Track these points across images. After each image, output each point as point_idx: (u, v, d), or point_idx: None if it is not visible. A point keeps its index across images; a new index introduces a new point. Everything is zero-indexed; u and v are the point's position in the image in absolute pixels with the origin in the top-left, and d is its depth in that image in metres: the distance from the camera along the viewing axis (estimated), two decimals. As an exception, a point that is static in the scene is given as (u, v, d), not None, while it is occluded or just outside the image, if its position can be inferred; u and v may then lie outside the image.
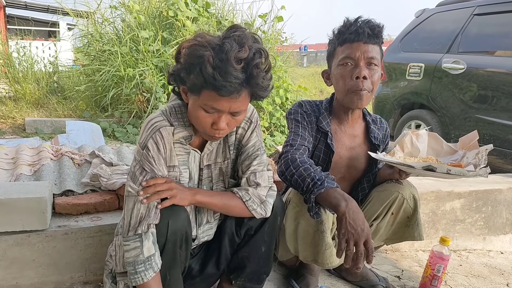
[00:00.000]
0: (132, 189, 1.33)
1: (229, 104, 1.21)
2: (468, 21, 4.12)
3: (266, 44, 6.35)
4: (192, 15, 5.61)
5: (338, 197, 1.43)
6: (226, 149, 1.50)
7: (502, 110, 3.60)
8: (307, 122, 1.76)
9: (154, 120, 1.34)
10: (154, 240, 1.32)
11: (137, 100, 5.36)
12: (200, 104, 1.23)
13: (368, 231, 1.40)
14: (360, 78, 1.62)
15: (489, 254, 2.58)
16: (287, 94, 5.84)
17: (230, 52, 1.13)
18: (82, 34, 6.85)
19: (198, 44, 1.18)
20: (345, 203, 1.41)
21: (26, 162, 2.28)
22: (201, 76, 1.16)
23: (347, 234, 1.39)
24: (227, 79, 1.14)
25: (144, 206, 1.31)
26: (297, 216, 1.64)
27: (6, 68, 7.09)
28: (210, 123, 1.26)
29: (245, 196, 1.45)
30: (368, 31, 1.61)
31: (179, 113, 1.39)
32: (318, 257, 1.62)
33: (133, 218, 1.32)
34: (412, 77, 4.51)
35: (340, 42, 1.66)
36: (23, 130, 5.13)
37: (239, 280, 1.65)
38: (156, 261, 1.32)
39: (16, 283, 1.72)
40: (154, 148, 1.31)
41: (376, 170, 1.87)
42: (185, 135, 1.38)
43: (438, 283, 1.92)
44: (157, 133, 1.31)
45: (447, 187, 2.48)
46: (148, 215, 1.31)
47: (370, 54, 1.62)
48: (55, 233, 1.72)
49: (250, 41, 1.19)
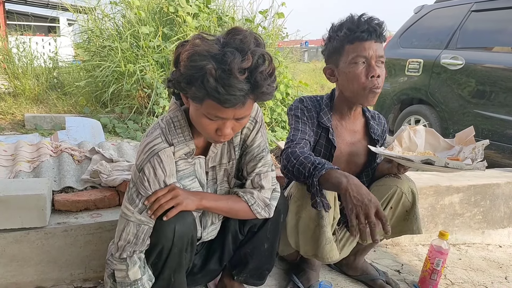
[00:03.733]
0: (127, 211, 1.32)
1: (233, 112, 1.18)
2: (466, 17, 4.14)
3: (267, 40, 6.34)
4: (193, 11, 5.60)
5: (338, 175, 1.42)
6: (231, 149, 1.48)
7: (500, 105, 3.62)
8: (307, 117, 1.76)
9: (152, 143, 1.29)
10: (141, 264, 1.33)
11: (138, 95, 5.35)
12: (203, 112, 1.19)
13: (376, 200, 1.37)
14: (375, 77, 1.63)
15: (488, 248, 2.59)
16: (288, 89, 5.84)
17: (232, 63, 1.08)
18: (82, 29, 6.83)
19: (198, 53, 1.11)
20: (346, 179, 1.40)
21: (25, 158, 2.28)
22: (203, 88, 1.11)
23: (355, 209, 1.36)
24: (231, 92, 1.09)
25: (133, 232, 1.30)
26: (298, 210, 1.64)
27: (5, 64, 7.07)
28: (214, 129, 1.23)
29: (250, 200, 1.44)
30: (378, 29, 1.62)
31: (179, 127, 1.34)
32: (318, 252, 1.63)
33: (121, 241, 1.33)
34: (411, 72, 4.52)
35: (350, 40, 1.64)
36: (22, 126, 5.13)
37: (241, 276, 1.66)
38: (143, 285, 1.33)
39: (15, 281, 1.71)
40: (150, 172, 1.27)
41: (375, 165, 1.87)
42: (187, 151, 1.36)
43: (437, 277, 1.93)
44: (155, 158, 1.27)
45: (446, 181, 2.48)
46: (135, 243, 1.31)
47: (380, 53, 1.64)
48: (55, 230, 1.72)
49: (252, 46, 1.13)
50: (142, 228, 1.31)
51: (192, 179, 1.42)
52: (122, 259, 1.33)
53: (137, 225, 1.31)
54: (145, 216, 1.30)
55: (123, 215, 1.34)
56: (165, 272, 1.36)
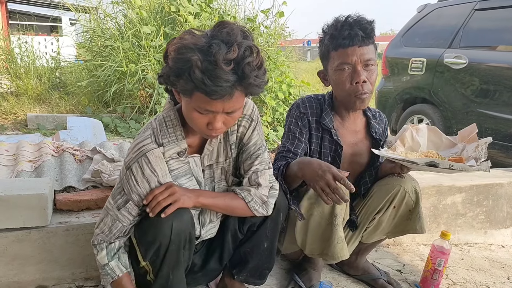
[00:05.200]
0: (109, 204, 1.38)
1: (222, 105, 1.18)
2: (469, 16, 4.12)
3: (269, 39, 6.33)
4: (194, 11, 5.61)
5: (291, 168, 1.56)
6: (227, 148, 1.49)
7: (504, 105, 3.60)
8: (301, 126, 1.76)
9: (142, 143, 1.31)
10: (108, 252, 1.39)
11: (140, 95, 5.35)
12: (193, 106, 1.20)
13: (327, 167, 1.45)
14: (360, 83, 1.62)
15: (490, 248, 2.57)
16: (290, 89, 5.82)
17: (218, 54, 1.08)
18: (84, 29, 6.84)
19: (185, 46, 1.13)
20: (296, 166, 1.53)
21: (27, 158, 2.28)
22: (190, 81, 1.12)
23: (315, 184, 1.46)
24: (217, 83, 1.10)
25: (108, 225, 1.37)
26: (311, 207, 1.63)
27: (8, 63, 7.10)
28: (205, 124, 1.24)
29: (247, 197, 1.45)
30: (361, 33, 1.58)
31: (171, 126, 1.35)
32: (328, 251, 1.62)
33: (98, 229, 1.41)
34: (414, 71, 4.50)
35: (333, 47, 1.64)
36: (25, 126, 5.14)
37: (241, 275, 1.66)
38: (112, 269, 1.39)
39: (17, 279, 1.72)
40: (138, 173, 1.30)
41: (378, 165, 1.87)
42: (179, 151, 1.36)
43: (439, 277, 1.92)
44: (143, 158, 1.29)
45: (448, 181, 2.47)
46: (107, 235, 1.39)
47: (367, 57, 1.61)
48: (56, 230, 1.72)
49: (239, 38, 1.14)
50: (116, 224, 1.36)
51: (189, 177, 1.42)
52: (93, 245, 1.42)
53: (113, 220, 1.36)
54: (121, 214, 1.34)
55: (105, 207, 1.40)
56: (163, 269, 1.37)
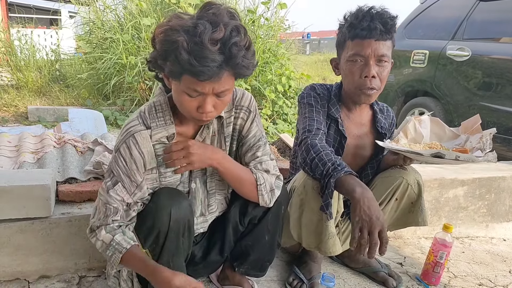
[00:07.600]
0: (101, 190, 1.36)
1: (211, 86, 1.16)
2: (473, 8, 4.07)
3: (269, 31, 6.30)
4: (194, 2, 5.56)
5: (355, 183, 1.41)
6: (221, 140, 1.47)
7: (507, 98, 3.58)
8: (320, 105, 1.74)
9: (129, 125, 1.32)
10: (109, 230, 1.33)
11: (139, 88, 5.34)
12: (183, 89, 1.19)
13: (383, 220, 1.36)
14: (369, 77, 1.60)
15: (492, 241, 2.58)
16: (290, 81, 5.79)
17: (204, 34, 1.07)
18: (83, 21, 6.81)
19: (171, 28, 1.12)
20: (361, 189, 1.39)
21: (29, 149, 2.28)
22: (177, 62, 1.11)
23: (361, 222, 1.36)
24: (204, 63, 1.08)
25: (103, 212, 1.33)
26: (302, 203, 1.64)
27: (8, 56, 7.08)
28: (195, 107, 1.22)
29: (260, 179, 1.44)
30: (380, 27, 1.55)
31: (160, 111, 1.34)
32: (321, 246, 1.62)
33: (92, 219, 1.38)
34: (416, 64, 4.46)
35: (350, 36, 1.62)
36: (25, 118, 5.13)
37: (242, 268, 1.66)
38: (119, 243, 1.31)
39: (21, 270, 1.73)
40: (126, 153, 1.29)
41: (381, 157, 1.86)
42: (166, 135, 1.35)
43: (440, 270, 1.92)
44: (130, 139, 1.29)
45: (451, 174, 2.47)
46: (104, 219, 1.34)
47: (381, 52, 1.59)
48: (59, 220, 1.73)
49: (225, 19, 1.13)
50: (108, 207, 1.33)
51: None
52: (91, 232, 1.38)
53: (104, 203, 1.33)
54: (109, 196, 1.31)
55: (98, 195, 1.38)
56: (163, 257, 1.37)
